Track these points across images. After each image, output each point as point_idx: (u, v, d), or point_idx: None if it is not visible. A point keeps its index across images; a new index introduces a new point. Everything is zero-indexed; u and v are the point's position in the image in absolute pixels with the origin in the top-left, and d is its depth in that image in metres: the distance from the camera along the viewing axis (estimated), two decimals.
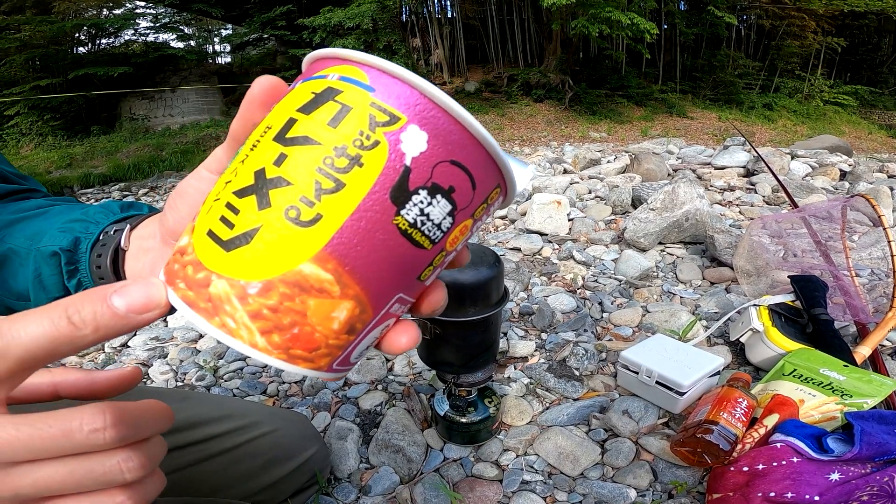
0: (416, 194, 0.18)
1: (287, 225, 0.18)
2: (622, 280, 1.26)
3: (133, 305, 0.20)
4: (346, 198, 0.18)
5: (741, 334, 0.89)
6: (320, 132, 0.18)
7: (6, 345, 0.18)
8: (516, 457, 0.73)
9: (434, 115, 0.18)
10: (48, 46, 10.04)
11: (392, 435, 0.75)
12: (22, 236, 0.37)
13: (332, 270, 0.18)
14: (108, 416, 0.20)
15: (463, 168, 0.19)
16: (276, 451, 0.60)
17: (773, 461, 0.58)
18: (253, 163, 0.19)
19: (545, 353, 0.98)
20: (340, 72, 0.19)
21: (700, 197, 1.47)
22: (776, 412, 0.65)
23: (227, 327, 0.19)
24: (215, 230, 0.19)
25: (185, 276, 0.20)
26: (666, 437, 0.72)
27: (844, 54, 12.94)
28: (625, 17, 8.51)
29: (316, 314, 0.19)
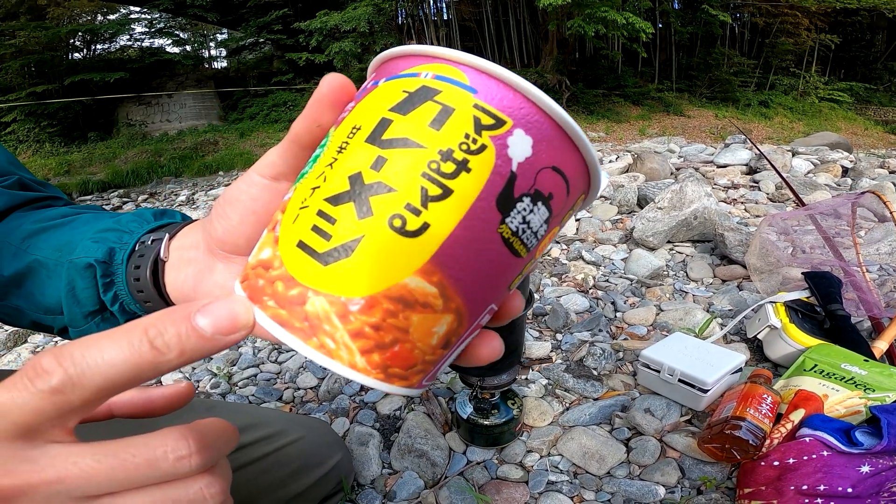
0: (520, 201, 0.18)
1: (392, 235, 0.17)
2: (633, 279, 1.26)
3: (220, 326, 0.18)
4: (454, 205, 0.17)
5: (759, 331, 0.89)
6: (422, 134, 0.17)
7: (81, 373, 0.17)
8: (540, 458, 0.73)
9: (538, 120, 0.18)
10: (43, 52, 10.02)
11: (414, 439, 0.75)
12: (48, 247, 0.36)
13: (436, 283, 0.17)
14: (191, 442, 0.19)
15: (562, 174, 0.18)
16: (303, 459, 0.60)
17: (803, 455, 0.58)
18: (345, 166, 0.18)
19: (561, 353, 0.97)
20: (435, 70, 0.18)
21: (707, 195, 1.48)
22: (802, 407, 0.65)
23: (325, 348, 0.17)
24: (308, 241, 0.18)
25: (275, 292, 0.18)
26: (691, 434, 0.72)
27: (838, 51, 13.02)
28: (620, 17, 8.54)
29: (418, 330, 0.18)
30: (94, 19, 11.89)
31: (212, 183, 6.06)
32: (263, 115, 10.27)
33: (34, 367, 0.17)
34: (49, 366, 0.17)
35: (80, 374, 0.17)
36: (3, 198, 0.40)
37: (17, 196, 0.41)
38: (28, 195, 0.42)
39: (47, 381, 0.17)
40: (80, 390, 0.17)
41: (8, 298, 0.38)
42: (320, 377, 1.00)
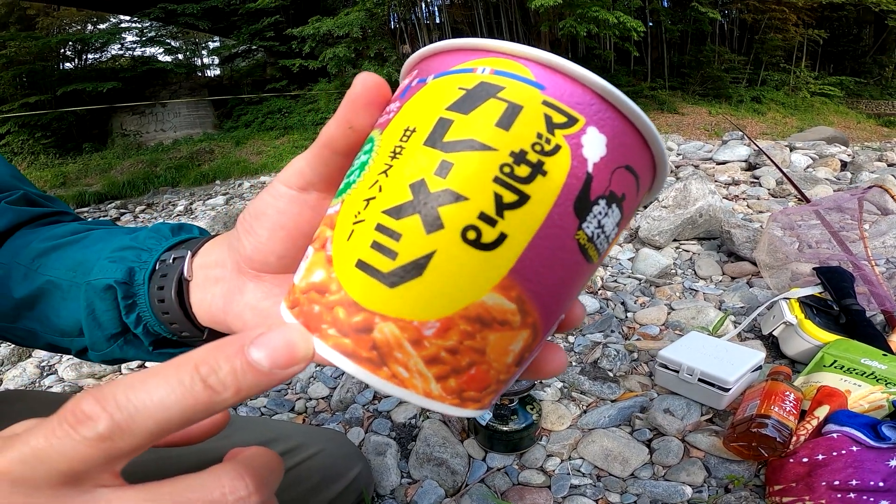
0: (596, 204, 0.16)
1: (466, 249, 0.15)
2: (642, 279, 1.25)
3: (277, 359, 0.16)
4: (531, 212, 0.15)
5: (774, 328, 0.88)
6: (490, 135, 0.15)
7: (130, 417, 0.16)
8: (561, 461, 0.72)
9: (611, 116, 0.16)
10: (34, 62, 9.99)
11: (433, 448, 0.74)
12: (62, 267, 0.34)
13: (515, 299, 0.16)
14: (248, 481, 0.18)
15: (634, 173, 0.17)
16: (324, 472, 0.59)
17: (832, 451, 0.58)
18: (404, 173, 0.16)
19: (575, 355, 0.97)
20: (493, 65, 0.16)
21: (712, 193, 1.48)
22: (826, 403, 0.65)
23: (398, 377, 0.16)
24: (370, 261, 0.16)
25: (336, 319, 0.16)
26: (714, 433, 0.71)
27: (826, 46, 13.12)
28: (611, 17, 8.59)
29: (494, 350, 0.16)
30: (84, 29, 11.86)
31: (209, 192, 6.04)
32: (258, 122, 10.25)
33: (74, 412, 0.16)
34: (92, 411, 0.16)
35: (128, 420, 0.16)
36: (8, 214, 0.38)
37: (22, 212, 0.39)
38: (34, 211, 0.40)
39: (93, 428, 0.15)
40: (129, 437, 0.16)
41: (20, 321, 0.36)
42: (332, 387, 0.99)
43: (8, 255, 0.37)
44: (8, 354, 1.40)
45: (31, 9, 10.76)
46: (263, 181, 6.54)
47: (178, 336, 0.31)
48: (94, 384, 1.17)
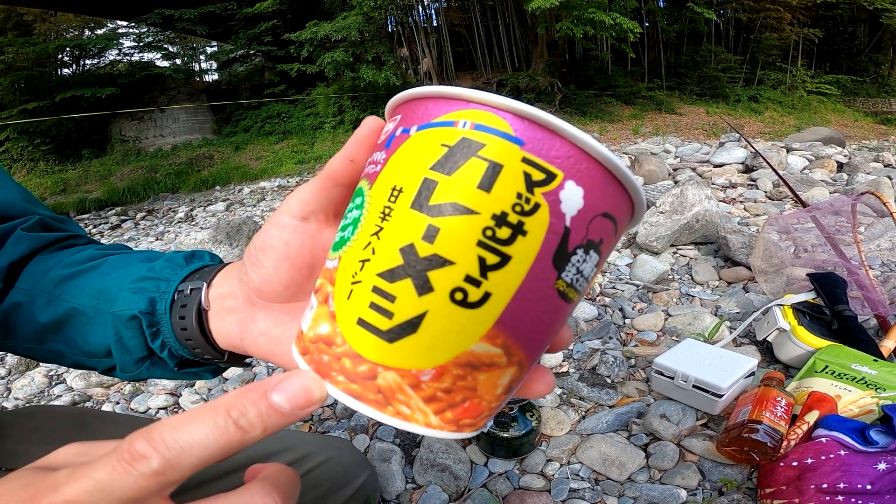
0: (574, 254, 0.18)
1: (455, 308, 0.17)
2: (639, 285, 1.27)
3: (296, 402, 0.19)
4: (512, 271, 0.17)
5: (768, 334, 0.90)
6: (472, 198, 0.16)
7: (178, 456, 0.18)
8: (561, 466, 0.74)
9: (588, 167, 0.17)
10: (32, 68, 9.99)
11: (436, 454, 0.76)
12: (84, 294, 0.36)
13: (501, 345, 0.18)
14: (276, 496, 0.20)
15: (612, 219, 0.18)
16: (332, 480, 0.60)
17: (821, 455, 0.60)
18: (394, 237, 0.17)
19: (574, 362, 0.99)
20: (473, 118, 0.17)
21: (708, 198, 1.50)
22: (816, 409, 0.67)
23: (401, 414, 0.18)
24: (369, 320, 0.18)
25: (343, 368, 0.19)
26: (708, 437, 0.73)
27: (822, 44, 13.16)
28: (608, 18, 8.62)
29: (484, 386, 0.19)
30: (81, 34, 11.88)
31: (209, 198, 6.06)
32: (257, 127, 10.27)
33: (130, 451, 0.18)
34: (145, 450, 0.18)
35: (176, 458, 0.18)
36: (25, 242, 0.40)
37: (39, 239, 0.41)
38: (50, 237, 0.42)
39: (148, 465, 0.18)
40: (178, 471, 0.19)
41: (46, 343, 0.39)
42: None
43: (29, 281, 0.39)
44: (15, 364, 1.42)
45: (29, 14, 10.78)
46: (263, 186, 6.55)
47: (200, 358, 0.34)
48: (102, 393, 1.19)
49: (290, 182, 6.77)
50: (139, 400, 1.10)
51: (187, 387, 1.13)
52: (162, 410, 1.08)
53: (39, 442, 0.51)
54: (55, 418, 0.56)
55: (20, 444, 0.50)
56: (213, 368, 0.37)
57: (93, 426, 0.55)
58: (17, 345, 0.40)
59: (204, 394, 1.09)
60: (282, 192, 6.00)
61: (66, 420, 0.56)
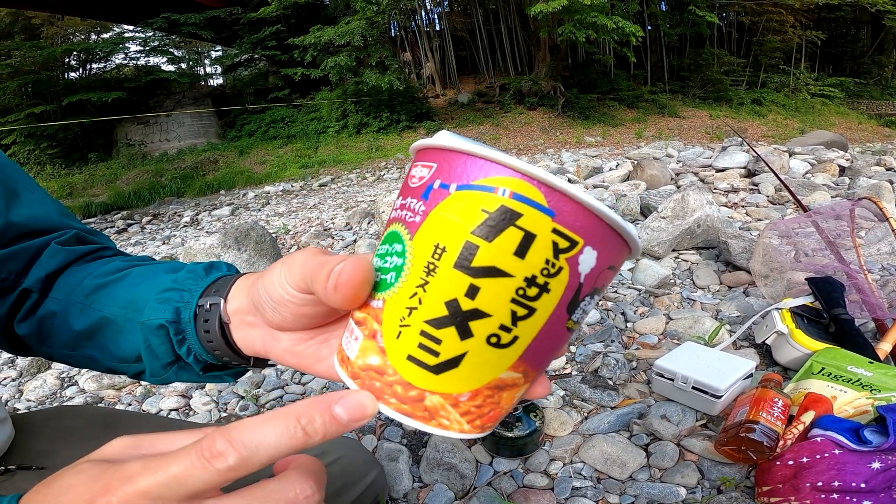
0: (583, 301, 0.21)
1: (489, 349, 0.21)
2: (641, 290, 1.29)
3: (353, 416, 0.23)
4: (536, 319, 0.21)
5: (766, 337, 0.92)
6: (509, 263, 0.20)
7: (252, 455, 0.21)
8: (563, 465, 0.77)
9: (604, 234, 0.20)
10: (40, 72, 10.07)
11: (442, 453, 0.78)
12: (114, 304, 0.39)
13: (522, 371, 0.22)
14: (312, 483, 0.23)
15: (614, 268, 0.22)
16: (344, 478, 0.62)
17: (816, 454, 0.62)
18: (440, 292, 0.20)
19: (577, 365, 1.01)
20: (512, 187, 0.19)
21: (710, 203, 1.52)
22: (812, 409, 0.68)
23: (442, 426, 0.23)
24: (419, 357, 0.22)
25: (395, 393, 0.22)
26: (707, 437, 0.75)
27: (825, 47, 13.16)
28: (610, 21, 8.65)
29: (506, 400, 0.23)
30: (87, 38, 11.99)
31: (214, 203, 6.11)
32: (262, 131, 10.31)
33: (210, 448, 0.21)
34: (224, 448, 0.20)
35: (251, 456, 0.21)
36: (60, 255, 0.43)
37: (72, 252, 0.44)
38: (82, 249, 0.45)
39: (225, 462, 0.20)
40: (249, 468, 0.21)
41: (80, 349, 0.42)
42: None
43: (63, 291, 0.42)
44: (27, 366, 1.45)
45: (36, 18, 10.89)
46: (267, 191, 6.59)
47: (226, 363, 0.37)
48: (114, 395, 1.21)
49: (293, 186, 6.80)
50: (151, 401, 1.13)
51: (197, 389, 1.15)
52: (174, 412, 1.11)
53: (69, 441, 0.53)
54: (82, 418, 0.58)
55: (50, 443, 0.53)
56: (237, 372, 0.39)
57: (119, 426, 0.58)
58: (54, 351, 0.43)
59: (214, 395, 1.11)
60: (286, 196, 6.03)
61: (93, 420, 0.58)
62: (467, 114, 10.19)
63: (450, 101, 11.03)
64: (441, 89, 11.52)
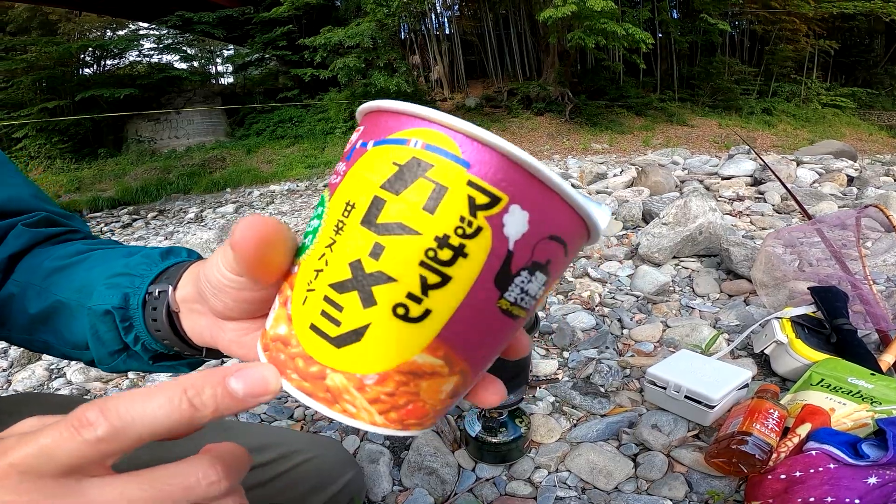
0: (517, 276, 0.18)
1: (396, 322, 0.18)
2: (639, 296, 1.26)
3: (252, 392, 0.20)
4: (453, 291, 0.17)
5: (765, 346, 0.89)
6: (417, 219, 0.17)
7: (125, 426, 0.19)
8: (548, 474, 0.74)
9: (534, 191, 0.17)
10: (55, 68, 10.17)
11: (424, 457, 0.76)
12: (68, 288, 0.37)
13: (442, 356, 0.19)
14: (219, 468, 0.21)
15: (560, 241, 0.18)
16: (317, 477, 0.61)
17: (809, 468, 0.59)
18: (345, 252, 0.18)
19: (568, 370, 0.98)
20: (425, 138, 0.17)
21: (712, 210, 1.49)
22: (808, 421, 0.66)
23: (347, 412, 0.19)
24: (320, 326, 0.19)
25: (297, 368, 0.20)
26: (698, 448, 0.72)
27: (838, 56, 13.05)
28: (620, 28, 8.63)
29: (427, 392, 0.20)
30: (103, 35, 12.12)
31: (219, 200, 6.14)
32: (270, 131, 10.37)
33: (80, 418, 0.19)
34: (94, 418, 0.19)
35: (123, 427, 0.19)
36: (24, 236, 0.42)
37: (38, 233, 0.43)
38: (48, 231, 0.43)
39: (93, 432, 0.19)
40: (122, 440, 0.19)
41: (36, 334, 0.40)
42: None
43: (24, 273, 0.41)
44: (18, 357, 1.45)
45: (54, 14, 11.02)
46: (273, 190, 6.62)
47: (177, 353, 0.35)
48: (100, 387, 1.20)
49: (299, 186, 6.81)
50: None
51: None
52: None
53: None
54: (47, 406, 0.56)
55: None
56: (191, 363, 0.37)
57: None
58: (13, 335, 0.42)
59: None
60: (291, 195, 6.05)
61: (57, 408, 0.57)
62: (474, 118, 10.19)
63: (457, 104, 11.04)
64: (449, 93, 11.54)
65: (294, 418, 0.97)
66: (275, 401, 1.02)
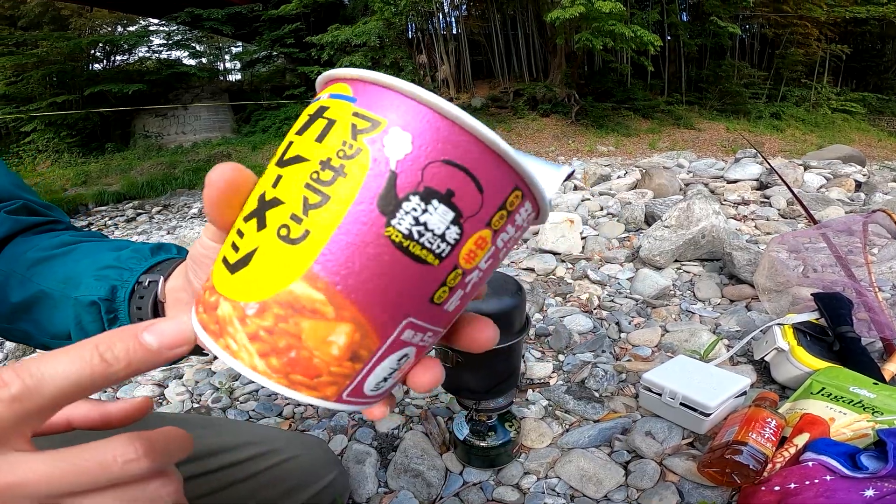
0: (406, 201, 0.17)
1: (279, 244, 0.18)
2: (639, 299, 1.24)
3: (164, 342, 0.20)
4: (331, 210, 0.17)
5: (766, 353, 0.87)
6: (309, 149, 0.18)
7: (38, 383, 0.19)
8: (537, 480, 0.72)
9: (416, 114, 0.17)
10: (65, 62, 10.25)
11: (411, 459, 0.74)
12: (53, 279, 0.37)
13: (322, 290, 0.17)
14: (138, 446, 0.20)
15: (461, 168, 0.17)
16: (297, 477, 0.60)
17: (805, 480, 0.57)
18: (258, 189, 0.20)
19: (563, 374, 0.96)
20: (331, 90, 0.19)
21: (716, 213, 1.46)
22: (806, 431, 0.63)
23: (230, 349, 0.19)
24: (227, 255, 0.20)
25: (205, 300, 0.20)
26: (692, 457, 0.70)
27: (849, 61, 12.92)
28: (628, 30, 8.58)
29: (311, 337, 0.18)
30: (114, 31, 12.21)
31: None
32: (275, 128, 10.40)
33: None
34: (9, 378, 0.18)
35: (36, 384, 0.19)
36: (6, 224, 0.41)
37: (19, 221, 0.42)
38: (30, 220, 0.43)
39: (8, 391, 0.18)
40: (37, 398, 0.19)
41: (16, 323, 0.40)
42: None
43: (6, 262, 0.40)
44: (12, 349, 1.44)
45: (66, 9, 11.10)
46: None
47: None
48: None
49: None
50: (126, 389, 1.10)
51: (175, 379, 1.13)
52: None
53: None
54: None
55: None
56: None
57: None
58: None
59: (190, 386, 1.09)
60: None
61: None
62: (480, 117, 9.96)
63: (463, 104, 11.03)
64: (455, 92, 11.52)
65: (283, 416, 0.95)
66: (264, 397, 1.01)
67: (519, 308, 0.60)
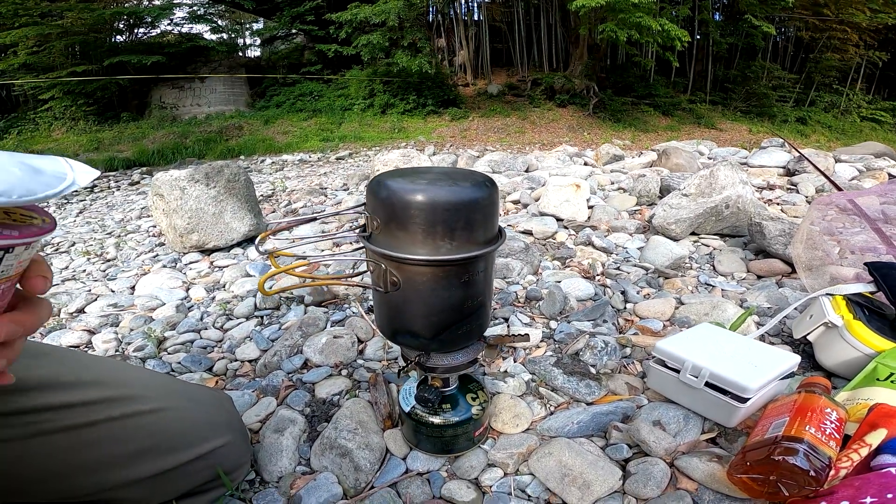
0: None
1: None
2: (650, 269, 1.06)
3: None
4: None
5: (809, 331, 0.68)
6: None
7: None
8: (503, 476, 0.54)
9: None
10: (88, 34, 10.24)
11: (340, 433, 0.57)
12: None
13: None
14: None
15: None
16: (157, 436, 0.44)
17: (886, 492, 0.39)
18: None
19: (553, 344, 0.79)
20: None
21: (743, 182, 1.27)
22: (882, 426, 0.45)
23: None
24: None
25: None
26: (715, 458, 0.52)
27: (885, 69, 12.43)
28: (655, 24, 8.24)
29: None
30: (139, 3, 12.15)
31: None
32: (289, 104, 10.31)
33: None
34: None
35: None
36: None
37: None
38: None
39: None
40: None
41: None
42: (263, 349, 0.84)
43: None
44: None
45: None
46: (285, 159, 6.51)
47: None
48: None
49: (311, 157, 6.70)
50: (53, 336, 0.96)
51: (111, 325, 0.98)
52: (73, 349, 0.93)
53: None
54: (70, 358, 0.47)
55: None
56: None
57: None
58: None
59: (123, 334, 0.93)
60: (301, 165, 5.92)
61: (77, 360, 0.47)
62: (495, 105, 9.93)
63: (479, 90, 10.78)
64: (472, 79, 11.28)
65: (213, 372, 0.79)
66: (197, 349, 0.85)
67: (485, 206, 0.42)
